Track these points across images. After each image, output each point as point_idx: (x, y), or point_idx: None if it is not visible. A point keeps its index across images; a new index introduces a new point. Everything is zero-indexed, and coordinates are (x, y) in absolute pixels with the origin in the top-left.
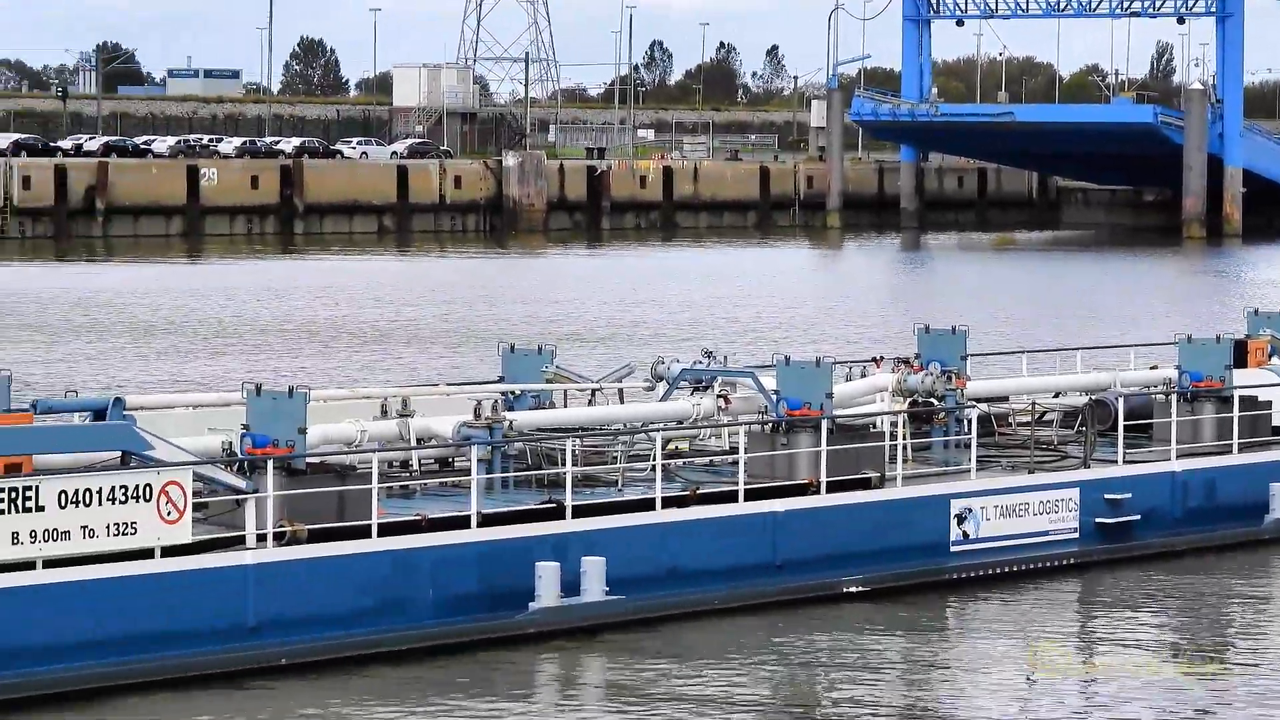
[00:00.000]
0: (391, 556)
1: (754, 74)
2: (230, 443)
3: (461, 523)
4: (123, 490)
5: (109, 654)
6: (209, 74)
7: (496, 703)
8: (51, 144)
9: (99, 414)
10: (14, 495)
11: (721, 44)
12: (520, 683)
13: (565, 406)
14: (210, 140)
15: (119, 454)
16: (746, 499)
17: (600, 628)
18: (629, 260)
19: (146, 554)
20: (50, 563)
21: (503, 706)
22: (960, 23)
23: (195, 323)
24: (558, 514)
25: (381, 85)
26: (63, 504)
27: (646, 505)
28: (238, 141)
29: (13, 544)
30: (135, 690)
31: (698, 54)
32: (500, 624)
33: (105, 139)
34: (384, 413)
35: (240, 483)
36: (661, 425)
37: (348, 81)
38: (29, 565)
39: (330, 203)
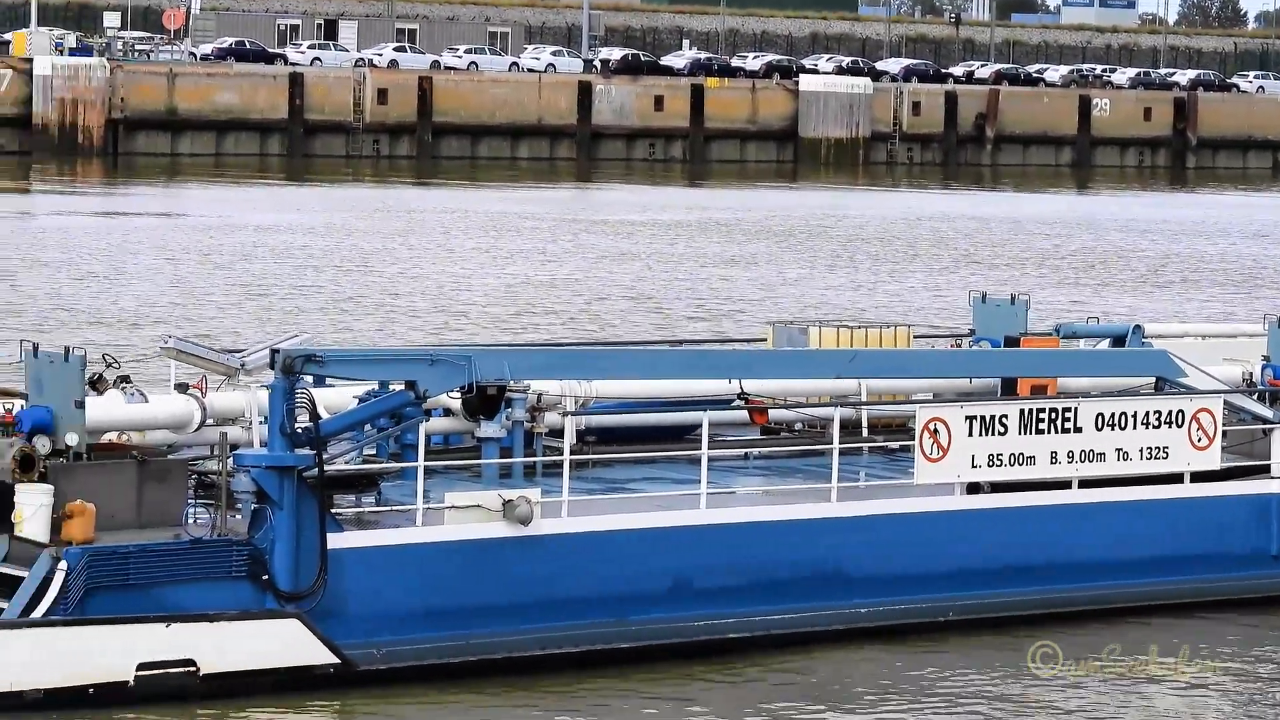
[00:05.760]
0: None
1: None
2: (1250, 373)
3: None
4: (1156, 415)
5: (1136, 575)
6: (1104, 3)
7: None
8: (943, 70)
9: (1118, 340)
10: (1054, 416)
11: None
12: None
13: None
14: (1103, 70)
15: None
16: None
17: None
18: None
19: (1175, 479)
20: (1085, 483)
21: None
22: None
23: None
24: None
25: None
26: (1099, 426)
27: None
28: (1131, 72)
29: (1051, 463)
30: (1153, 611)
31: None
32: None
33: (997, 66)
34: None
35: (1268, 413)
36: None
37: (1246, 14)
38: (1065, 485)
39: (1223, 137)
